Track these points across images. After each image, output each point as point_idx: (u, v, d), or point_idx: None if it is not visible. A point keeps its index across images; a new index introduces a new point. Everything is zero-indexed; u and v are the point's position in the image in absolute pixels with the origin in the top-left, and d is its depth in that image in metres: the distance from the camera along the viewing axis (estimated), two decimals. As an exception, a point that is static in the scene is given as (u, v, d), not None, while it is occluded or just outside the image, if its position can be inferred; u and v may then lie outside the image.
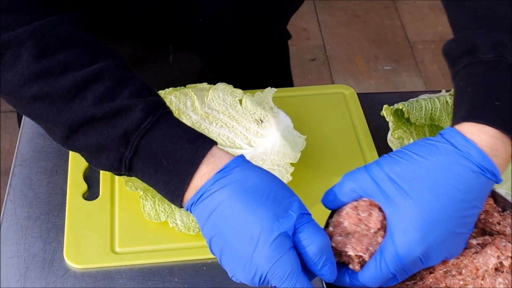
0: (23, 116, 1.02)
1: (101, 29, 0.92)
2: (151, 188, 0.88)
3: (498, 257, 0.72)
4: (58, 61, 0.71)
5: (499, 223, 0.75)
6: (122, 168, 0.71)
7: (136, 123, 0.69)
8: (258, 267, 0.64)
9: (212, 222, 0.66)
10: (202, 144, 0.69)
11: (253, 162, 0.92)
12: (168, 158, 0.68)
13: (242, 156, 0.70)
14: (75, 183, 0.92)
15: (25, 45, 0.71)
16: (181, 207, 0.70)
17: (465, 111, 0.70)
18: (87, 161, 0.75)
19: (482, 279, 0.71)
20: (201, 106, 0.98)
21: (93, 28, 0.80)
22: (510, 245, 0.73)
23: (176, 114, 0.98)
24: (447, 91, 1.00)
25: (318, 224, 0.67)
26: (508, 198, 0.83)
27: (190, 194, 0.68)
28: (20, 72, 0.71)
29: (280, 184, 0.68)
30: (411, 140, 0.92)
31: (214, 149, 0.69)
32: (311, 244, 0.65)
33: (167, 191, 0.70)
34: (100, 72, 0.72)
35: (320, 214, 0.72)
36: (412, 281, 0.74)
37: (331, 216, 0.73)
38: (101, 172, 0.93)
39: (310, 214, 0.68)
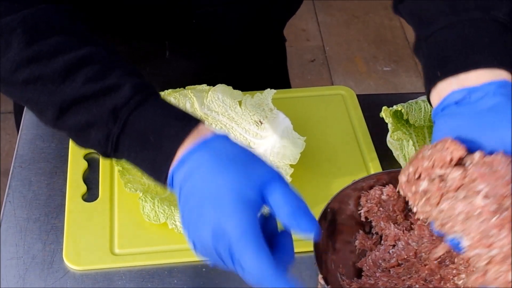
0: (23, 118, 1.02)
1: (95, 25, 0.92)
2: (150, 189, 0.88)
3: None
4: (49, 46, 0.73)
5: None
6: (109, 146, 0.71)
7: (125, 99, 0.70)
8: (217, 226, 0.63)
9: (187, 186, 0.66)
10: (189, 122, 0.70)
11: (253, 164, 0.92)
12: (155, 135, 0.69)
13: (225, 134, 0.70)
14: (74, 185, 0.92)
15: (16, 32, 0.73)
16: (165, 184, 0.69)
17: (500, 60, 0.71)
18: (75, 141, 0.76)
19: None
20: (201, 107, 0.98)
21: (85, 22, 0.80)
22: None
23: (175, 115, 0.98)
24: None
25: (290, 186, 0.66)
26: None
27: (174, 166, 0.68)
28: (12, 58, 0.73)
29: (257, 155, 0.68)
30: (410, 142, 0.91)
31: (200, 125, 0.69)
32: (284, 206, 0.64)
33: (152, 169, 0.70)
34: (90, 55, 0.73)
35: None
36: (408, 275, 0.75)
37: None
38: (101, 173, 0.93)
39: (283, 177, 0.67)
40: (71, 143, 0.97)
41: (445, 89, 0.72)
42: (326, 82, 2.61)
